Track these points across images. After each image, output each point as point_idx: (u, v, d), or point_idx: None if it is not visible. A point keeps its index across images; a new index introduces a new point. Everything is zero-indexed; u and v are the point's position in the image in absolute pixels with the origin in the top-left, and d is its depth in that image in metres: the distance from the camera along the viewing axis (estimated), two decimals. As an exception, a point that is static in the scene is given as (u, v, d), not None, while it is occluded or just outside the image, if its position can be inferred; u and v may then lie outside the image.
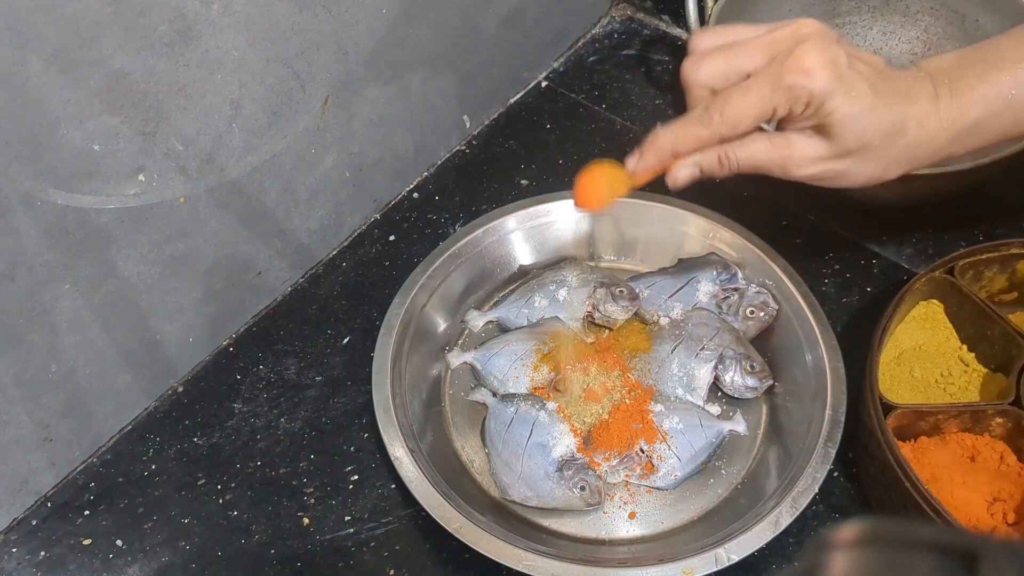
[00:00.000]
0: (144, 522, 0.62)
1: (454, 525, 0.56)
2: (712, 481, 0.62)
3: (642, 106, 0.87)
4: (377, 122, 0.74)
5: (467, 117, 0.84)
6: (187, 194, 0.61)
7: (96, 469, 0.65)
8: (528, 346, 0.67)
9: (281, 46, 0.61)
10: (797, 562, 0.57)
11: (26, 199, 0.52)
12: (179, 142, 0.58)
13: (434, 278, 0.69)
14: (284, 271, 0.73)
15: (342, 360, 0.70)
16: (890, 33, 0.85)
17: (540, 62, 0.90)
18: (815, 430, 0.59)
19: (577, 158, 0.82)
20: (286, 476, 0.64)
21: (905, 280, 0.63)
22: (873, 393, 0.56)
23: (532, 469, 0.61)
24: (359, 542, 0.61)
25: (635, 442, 0.62)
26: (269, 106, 0.63)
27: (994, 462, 0.58)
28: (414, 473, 0.58)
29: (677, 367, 0.66)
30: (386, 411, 0.61)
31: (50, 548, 0.61)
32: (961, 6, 0.81)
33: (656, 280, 0.71)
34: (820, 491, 0.57)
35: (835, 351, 0.63)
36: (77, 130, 0.52)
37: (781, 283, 0.67)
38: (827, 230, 0.75)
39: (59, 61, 0.49)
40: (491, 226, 0.72)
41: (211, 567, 0.60)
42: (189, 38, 0.55)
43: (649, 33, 0.93)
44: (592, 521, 0.61)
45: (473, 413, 0.67)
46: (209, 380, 0.69)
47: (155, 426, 0.67)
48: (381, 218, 0.79)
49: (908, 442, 0.59)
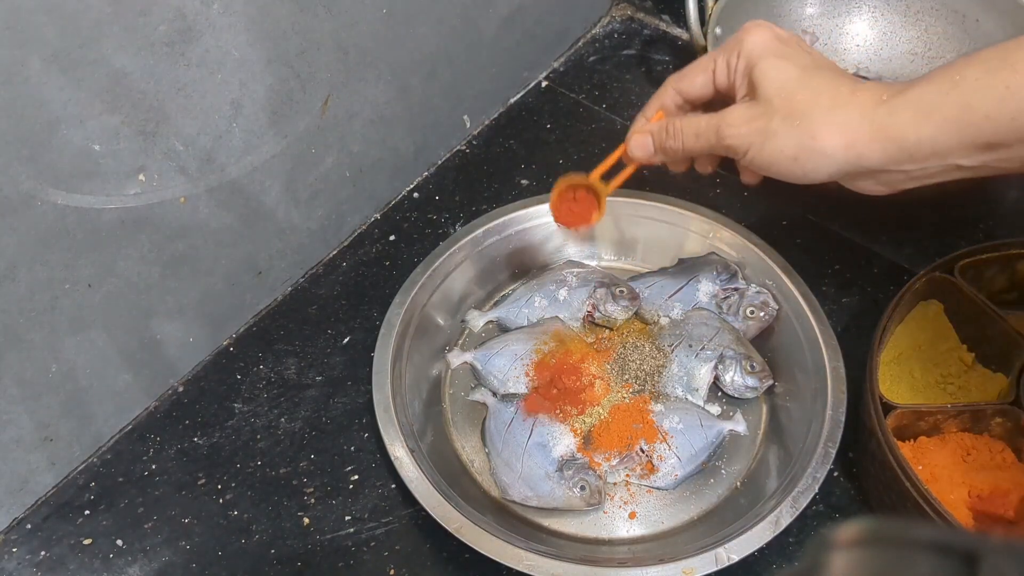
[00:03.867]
0: (144, 522, 0.62)
1: (454, 525, 0.56)
2: (712, 481, 0.62)
3: (642, 106, 0.86)
4: (377, 122, 0.74)
5: (467, 117, 0.84)
6: (187, 194, 0.61)
7: (96, 469, 0.65)
8: (528, 346, 0.67)
9: (281, 46, 0.61)
10: (797, 562, 0.58)
11: (26, 199, 0.52)
12: (179, 142, 0.58)
13: (434, 278, 0.69)
14: (284, 271, 0.73)
15: (342, 360, 0.70)
16: (890, 33, 0.85)
17: (540, 62, 0.90)
18: (815, 430, 0.59)
19: (577, 158, 0.82)
20: (286, 476, 0.64)
21: (905, 280, 0.63)
22: (873, 393, 0.56)
23: (532, 469, 0.61)
24: (359, 542, 0.61)
25: (635, 442, 0.62)
26: (269, 106, 0.63)
27: (994, 462, 0.58)
28: (414, 473, 0.58)
29: (677, 367, 0.66)
30: (386, 411, 0.61)
31: (50, 548, 0.61)
32: (961, 6, 0.81)
33: (656, 280, 0.71)
34: (820, 491, 0.56)
35: (835, 351, 0.63)
36: (77, 130, 0.52)
37: (781, 283, 0.67)
38: (827, 230, 0.75)
39: (59, 61, 0.49)
40: (491, 226, 0.72)
41: (211, 567, 0.60)
42: (189, 38, 0.55)
43: (649, 33, 0.93)
44: (592, 521, 0.61)
45: (473, 413, 0.67)
46: (209, 380, 0.69)
47: (155, 426, 0.67)
48: (381, 218, 0.79)
49: (908, 442, 0.59)
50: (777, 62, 0.52)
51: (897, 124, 0.48)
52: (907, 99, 0.47)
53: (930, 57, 0.83)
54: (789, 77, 0.51)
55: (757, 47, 0.53)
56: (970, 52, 0.50)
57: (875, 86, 0.50)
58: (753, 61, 0.53)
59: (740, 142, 0.53)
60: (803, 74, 0.51)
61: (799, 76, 0.51)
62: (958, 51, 0.82)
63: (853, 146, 0.49)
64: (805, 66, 0.52)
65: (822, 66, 0.53)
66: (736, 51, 0.54)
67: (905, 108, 0.47)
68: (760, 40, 0.53)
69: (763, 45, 0.53)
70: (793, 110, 0.51)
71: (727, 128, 0.53)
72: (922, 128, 0.47)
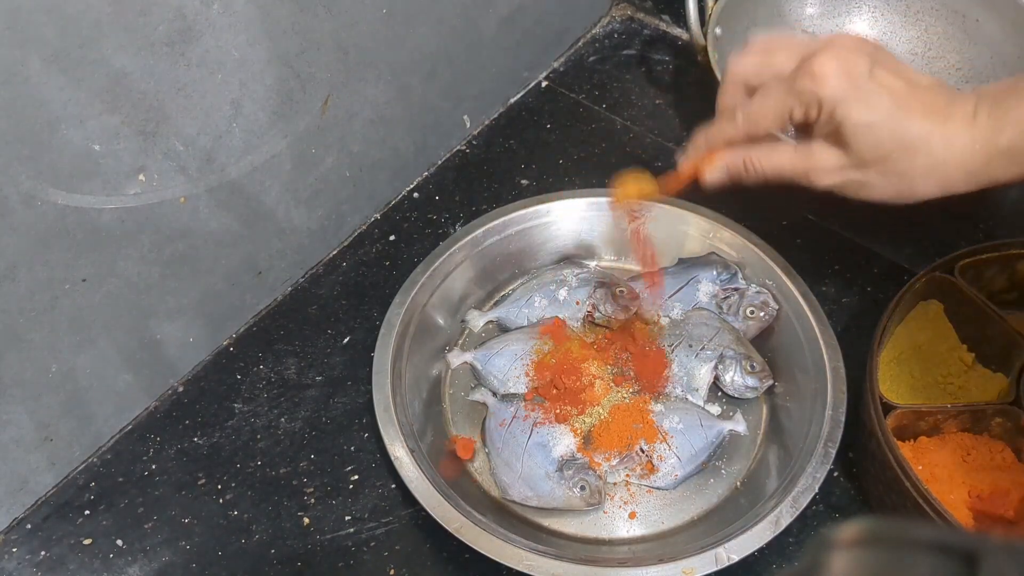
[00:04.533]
0: (144, 522, 0.62)
1: (454, 525, 0.56)
2: (712, 481, 0.62)
3: (642, 106, 0.87)
4: (377, 122, 0.74)
5: (467, 117, 0.84)
6: (187, 194, 0.61)
7: (96, 469, 0.65)
8: (528, 346, 0.67)
9: (281, 46, 0.61)
10: (797, 562, 0.58)
11: (26, 199, 0.52)
12: (179, 142, 0.58)
13: (434, 278, 0.69)
14: (284, 271, 0.73)
15: (342, 360, 0.70)
16: (890, 33, 0.85)
17: (540, 62, 0.90)
18: (815, 430, 0.59)
19: (577, 158, 0.82)
20: (286, 476, 0.64)
21: (905, 280, 0.63)
22: (873, 393, 0.56)
23: (532, 469, 0.61)
24: (359, 542, 0.61)
25: (635, 442, 0.62)
26: (269, 106, 0.63)
27: (994, 462, 0.58)
28: (414, 473, 0.58)
29: (677, 367, 0.66)
30: (386, 411, 0.61)
31: (50, 548, 0.61)
32: (961, 6, 0.81)
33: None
34: (820, 491, 0.57)
35: (835, 351, 0.63)
36: (77, 130, 0.52)
37: (781, 283, 0.67)
38: (827, 230, 0.75)
39: (59, 61, 0.49)
40: (491, 226, 0.72)
41: (211, 567, 0.60)
42: (189, 38, 0.55)
43: (649, 33, 0.93)
44: (592, 521, 0.61)
45: (473, 413, 0.67)
46: (209, 380, 0.69)
47: (155, 426, 0.67)
48: (381, 218, 0.79)
49: (908, 442, 0.59)
50: (860, 107, 0.49)
51: (993, 171, 0.49)
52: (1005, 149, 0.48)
53: (930, 57, 0.83)
54: (876, 124, 0.49)
55: (837, 92, 0.49)
56: (969, 53, 0.50)
57: (968, 120, 0.49)
58: (832, 106, 0.50)
59: (832, 186, 0.53)
60: (889, 119, 0.49)
61: (886, 122, 0.49)
62: (958, 51, 0.82)
63: (949, 188, 0.50)
64: (890, 108, 0.49)
65: (908, 97, 0.50)
66: (815, 100, 0.50)
67: (1001, 157, 0.48)
68: (837, 84, 0.49)
69: (843, 89, 0.49)
70: (887, 165, 0.50)
71: (818, 174, 0.53)
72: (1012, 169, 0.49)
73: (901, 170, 0.50)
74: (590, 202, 0.73)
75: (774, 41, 0.55)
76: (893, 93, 0.50)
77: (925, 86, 0.51)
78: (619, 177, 0.66)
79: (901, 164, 0.50)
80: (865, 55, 0.50)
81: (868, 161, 0.51)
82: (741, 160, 0.55)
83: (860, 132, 0.50)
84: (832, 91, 0.49)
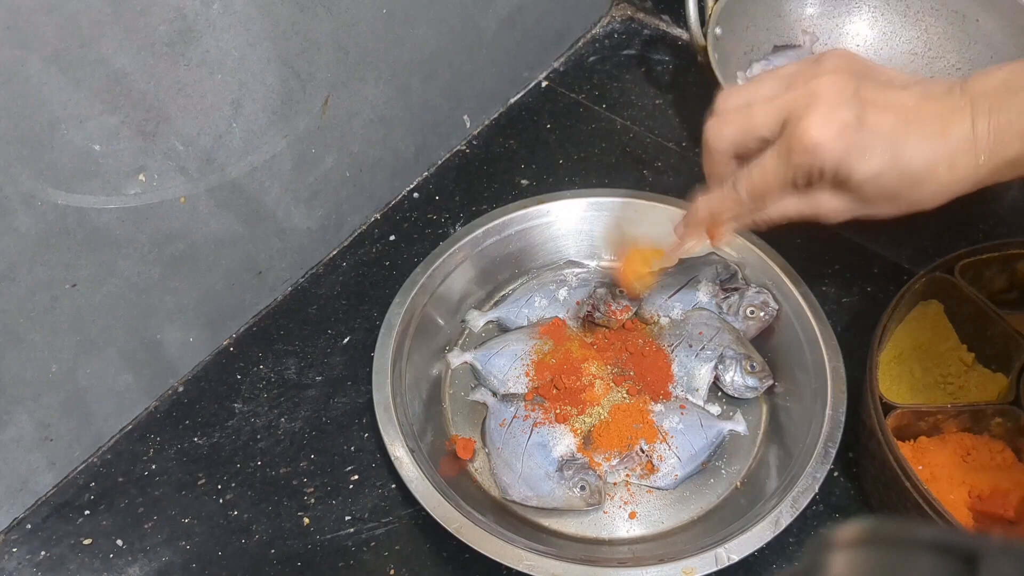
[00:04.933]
0: (144, 522, 0.62)
1: (454, 525, 0.56)
2: (712, 481, 0.62)
3: (642, 106, 0.87)
4: (377, 122, 0.74)
5: (467, 117, 0.84)
6: (187, 194, 0.61)
7: (96, 469, 0.65)
8: (528, 346, 0.67)
9: (281, 46, 0.61)
10: (797, 562, 0.58)
11: (26, 199, 0.52)
12: (179, 142, 0.58)
13: (434, 278, 0.69)
14: (284, 271, 0.73)
15: (342, 360, 0.70)
16: (890, 33, 0.85)
17: (540, 62, 0.90)
18: (815, 430, 0.59)
19: (577, 158, 0.82)
20: (286, 476, 0.64)
21: (905, 280, 0.63)
22: (873, 393, 0.56)
23: (532, 469, 0.61)
24: (359, 542, 0.61)
25: (635, 442, 0.62)
26: (269, 106, 0.63)
27: (994, 462, 0.58)
28: (414, 473, 0.58)
29: (677, 367, 0.66)
30: (386, 411, 0.61)
31: (50, 548, 0.61)
32: (961, 6, 0.81)
33: (656, 280, 0.71)
34: (820, 491, 0.57)
35: (835, 351, 0.63)
36: (77, 130, 0.52)
37: (781, 283, 0.67)
38: (827, 230, 0.75)
39: (59, 61, 0.49)
40: (491, 226, 0.72)
41: (211, 567, 0.60)
42: (189, 38, 0.55)
43: (649, 33, 0.93)
44: (592, 521, 0.61)
45: (473, 413, 0.67)
46: (209, 380, 0.69)
47: (155, 426, 0.67)
48: (381, 218, 0.79)
49: (908, 442, 0.59)
50: (861, 163, 0.49)
51: (1000, 178, 0.50)
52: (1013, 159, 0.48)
53: (930, 57, 0.83)
54: (880, 173, 0.50)
55: (835, 155, 0.49)
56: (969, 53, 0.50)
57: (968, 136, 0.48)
58: (834, 169, 0.50)
59: (845, 221, 0.54)
60: (892, 165, 0.49)
61: (889, 168, 0.49)
62: (958, 51, 0.82)
63: (957, 196, 0.51)
64: (890, 152, 0.49)
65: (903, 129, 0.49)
66: (816, 170, 0.50)
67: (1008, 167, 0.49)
68: (832, 148, 0.49)
69: (839, 151, 0.49)
70: (897, 200, 0.51)
71: (827, 215, 0.54)
72: None
73: (911, 200, 0.51)
74: (590, 202, 0.73)
75: (744, 95, 0.54)
76: (888, 133, 0.49)
77: (910, 105, 0.50)
78: (626, 255, 0.68)
79: (911, 196, 0.51)
80: (849, 93, 0.49)
81: (876, 200, 0.52)
82: (751, 221, 0.56)
83: (866, 184, 0.50)
84: (830, 157, 0.49)
